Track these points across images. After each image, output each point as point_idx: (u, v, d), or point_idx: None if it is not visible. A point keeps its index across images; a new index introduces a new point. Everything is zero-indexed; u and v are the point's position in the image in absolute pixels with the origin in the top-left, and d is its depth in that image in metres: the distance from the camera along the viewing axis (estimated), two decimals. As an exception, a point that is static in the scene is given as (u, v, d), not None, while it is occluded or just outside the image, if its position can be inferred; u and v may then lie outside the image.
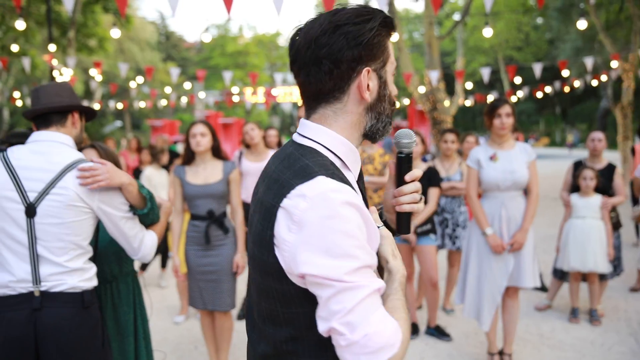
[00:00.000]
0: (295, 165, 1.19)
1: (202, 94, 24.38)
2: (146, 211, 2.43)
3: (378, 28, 1.22)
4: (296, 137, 1.30)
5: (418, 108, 22.26)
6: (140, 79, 25.17)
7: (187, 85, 26.57)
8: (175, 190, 3.96)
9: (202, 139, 3.82)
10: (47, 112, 2.32)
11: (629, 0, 16.67)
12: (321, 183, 1.12)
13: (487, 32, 13.33)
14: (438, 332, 4.86)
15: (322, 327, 1.12)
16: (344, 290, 1.08)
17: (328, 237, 1.09)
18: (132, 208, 2.39)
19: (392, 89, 1.31)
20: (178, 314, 5.54)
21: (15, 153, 2.24)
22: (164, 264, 6.88)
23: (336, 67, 1.20)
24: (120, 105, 24.14)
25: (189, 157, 3.92)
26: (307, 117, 1.30)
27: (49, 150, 2.25)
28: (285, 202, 1.13)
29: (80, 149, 2.69)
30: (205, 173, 3.88)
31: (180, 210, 4.01)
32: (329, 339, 1.17)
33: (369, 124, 1.28)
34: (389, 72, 1.29)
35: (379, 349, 1.08)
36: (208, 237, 3.84)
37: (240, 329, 5.07)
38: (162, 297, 6.23)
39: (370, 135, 1.31)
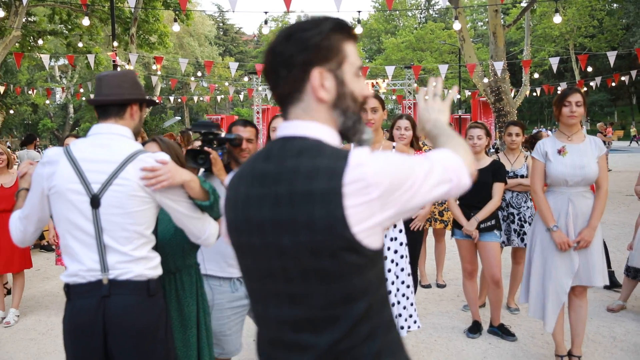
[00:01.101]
0: (324, 153, 1.29)
1: (259, 88, 24.37)
2: (209, 203, 2.44)
3: (328, 32, 1.33)
4: (287, 136, 1.36)
5: (482, 99, 21.46)
6: (199, 74, 25.42)
7: (245, 79, 26.66)
8: None
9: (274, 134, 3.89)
10: (106, 104, 2.37)
11: None
12: (359, 151, 1.27)
13: (557, 18, 12.56)
14: (502, 331, 4.58)
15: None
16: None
17: (391, 161, 1.27)
18: (195, 200, 2.42)
19: (356, 88, 1.38)
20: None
21: (77, 146, 2.30)
22: None
23: (289, 71, 1.32)
24: (179, 100, 24.47)
25: None
26: (284, 118, 1.39)
27: (109, 143, 2.30)
28: (348, 177, 1.23)
29: (142, 144, 2.70)
30: None
31: None
32: (385, 294, 1.39)
33: (339, 120, 1.37)
34: (348, 72, 1.36)
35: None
36: None
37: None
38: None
39: (344, 133, 1.39)
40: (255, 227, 1.36)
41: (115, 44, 14.72)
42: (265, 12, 13.55)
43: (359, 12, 14.75)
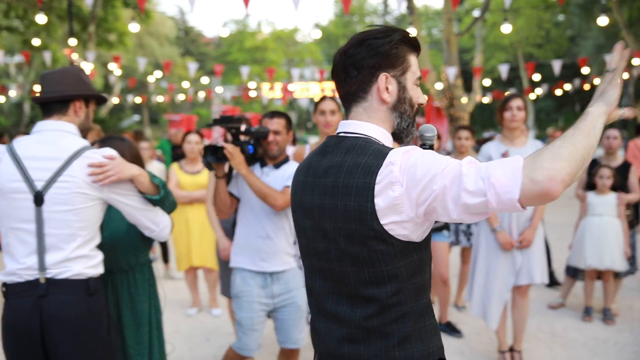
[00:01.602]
0: (367, 151, 1.45)
1: (219, 89, 24.50)
2: (159, 197, 2.46)
3: (397, 42, 1.50)
4: (342, 134, 1.56)
5: (435, 105, 22.13)
6: (158, 74, 25.36)
7: (205, 80, 26.72)
8: (210, 181, 4.18)
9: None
10: (49, 101, 2.34)
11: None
12: (397, 150, 1.42)
13: (506, 28, 13.23)
14: (449, 328, 4.85)
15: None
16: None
17: (422, 160, 1.37)
18: (144, 194, 2.43)
19: (414, 95, 1.56)
20: (190, 307, 5.59)
21: (21, 144, 2.28)
22: (166, 259, 6.93)
23: (359, 72, 1.51)
24: (138, 100, 24.36)
25: None
26: (346, 117, 1.58)
27: (54, 140, 2.27)
28: (381, 175, 1.39)
29: (100, 142, 2.74)
30: None
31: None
32: (423, 284, 1.52)
33: (395, 122, 1.55)
34: (409, 80, 1.55)
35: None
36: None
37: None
38: (175, 290, 6.29)
39: (397, 134, 1.57)
40: (308, 211, 1.57)
41: (74, 41, 14.69)
42: (224, 14, 13.79)
43: (316, 17, 15.08)
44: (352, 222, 1.44)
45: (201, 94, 26.29)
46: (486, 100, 23.45)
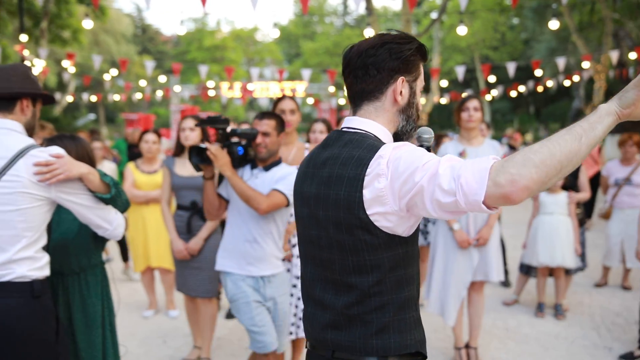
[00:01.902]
0: (362, 145, 1.52)
1: (177, 88, 24.17)
2: (110, 196, 2.41)
3: (414, 50, 1.58)
4: (344, 129, 1.63)
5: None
6: (114, 72, 24.85)
7: (162, 78, 26.30)
8: (164, 180, 4.16)
9: (190, 133, 4.08)
10: None
11: (600, 2, 16.94)
12: (388, 144, 1.49)
13: (462, 30, 13.47)
14: None
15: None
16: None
17: (407, 154, 1.42)
18: (95, 193, 2.38)
19: (419, 101, 1.66)
20: (147, 309, 5.50)
21: None
22: (125, 258, 6.81)
23: (379, 72, 1.56)
24: (94, 98, 23.82)
25: (179, 149, 4.15)
26: (353, 113, 1.64)
27: None
28: (370, 167, 1.46)
29: (50, 140, 2.67)
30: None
31: (169, 199, 4.20)
32: (407, 278, 1.57)
33: (401, 124, 1.62)
34: (418, 87, 1.64)
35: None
36: (190, 227, 4.07)
37: (231, 325, 5.08)
38: (132, 292, 6.18)
39: (399, 136, 1.65)
40: (305, 200, 1.64)
41: (25, 37, 14.28)
42: (182, 12, 13.64)
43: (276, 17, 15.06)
44: (341, 211, 1.51)
45: (159, 93, 25.89)
46: (444, 101, 23.84)
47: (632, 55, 17.07)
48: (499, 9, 27.25)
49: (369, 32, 14.45)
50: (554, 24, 13.46)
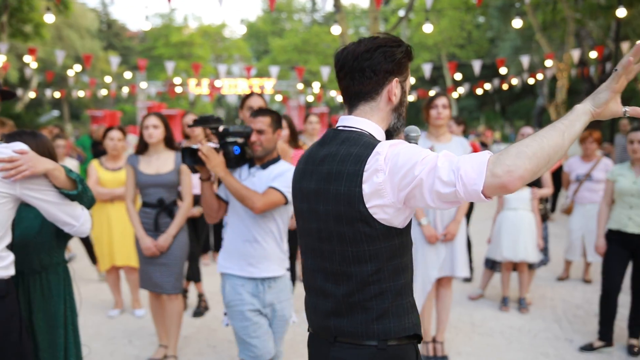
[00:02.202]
0: (359, 143, 1.63)
1: (143, 84, 23.83)
2: (76, 192, 2.38)
3: (404, 52, 1.70)
4: (340, 127, 1.73)
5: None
6: (78, 67, 24.36)
7: (128, 74, 25.89)
8: (128, 179, 4.10)
9: (154, 131, 4.01)
10: None
11: (562, 2, 17.29)
12: (384, 142, 1.61)
13: (427, 28, 13.60)
14: None
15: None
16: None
17: (405, 151, 1.54)
18: (61, 190, 2.35)
19: (407, 101, 1.79)
20: (112, 309, 5.42)
21: None
22: (94, 260, 6.67)
23: (375, 75, 1.67)
24: (57, 94, 23.33)
25: (142, 147, 4.08)
26: (349, 112, 1.74)
27: None
28: (369, 163, 1.56)
29: (10, 136, 2.61)
30: (158, 163, 4.06)
31: (133, 197, 4.15)
32: (402, 266, 1.68)
33: (393, 121, 1.74)
34: (407, 86, 1.76)
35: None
36: (157, 224, 4.03)
37: (198, 324, 5.03)
38: (97, 291, 6.09)
39: (391, 132, 1.76)
40: (305, 196, 1.75)
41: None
42: (148, 7, 13.46)
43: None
44: (341, 205, 1.62)
45: (125, 90, 25.49)
46: (411, 98, 24.06)
47: (593, 54, 17.48)
48: (465, 8, 27.59)
49: (336, 30, 14.49)
50: (517, 23, 13.71)
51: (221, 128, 3.04)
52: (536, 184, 5.50)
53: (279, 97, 27.40)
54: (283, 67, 28.32)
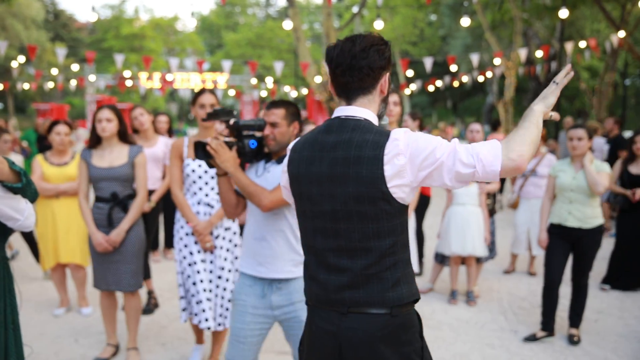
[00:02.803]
0: (372, 130, 1.83)
1: (92, 77, 23.20)
2: (20, 185, 2.32)
3: (389, 49, 1.92)
4: (343, 117, 1.91)
5: (316, 98, 22.53)
6: (22, 59, 23.51)
7: (76, 67, 25.18)
8: (81, 173, 4.00)
9: (108, 125, 3.92)
10: None
11: (510, 2, 17.73)
12: (397, 130, 1.82)
13: (378, 24, 13.68)
14: None
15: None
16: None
17: (422, 137, 1.80)
18: (4, 182, 2.28)
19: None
20: (58, 307, 5.28)
21: None
22: (37, 256, 6.46)
23: (372, 71, 1.87)
24: (0, 86, 22.47)
25: (95, 140, 3.99)
26: (348, 104, 1.92)
27: None
28: (388, 148, 1.77)
29: None
30: (111, 156, 3.97)
31: (87, 192, 4.04)
32: (407, 240, 1.92)
33: (380, 109, 1.97)
34: (388, 79, 1.97)
35: None
36: (111, 219, 3.94)
37: (147, 321, 4.93)
38: (42, 290, 5.91)
39: (379, 117, 1.98)
40: (315, 180, 1.89)
41: None
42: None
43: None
44: (364, 186, 1.80)
45: (73, 82, 24.77)
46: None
47: (539, 54, 18.00)
48: (417, 5, 27.96)
49: (287, 25, 14.46)
50: (465, 22, 14.02)
51: (232, 121, 2.88)
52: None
53: (232, 92, 27.14)
54: (236, 61, 28.03)
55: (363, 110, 1.91)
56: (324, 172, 1.87)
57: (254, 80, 24.71)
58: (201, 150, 2.77)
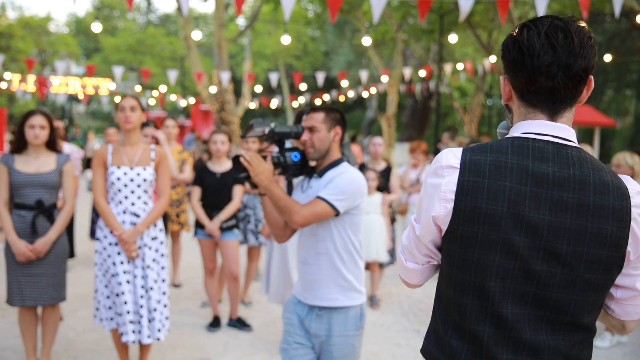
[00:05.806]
0: (603, 168, 1.36)
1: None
2: None
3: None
4: (557, 140, 1.37)
5: (202, 108, 22.31)
6: None
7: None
8: (1, 179, 3.74)
9: (41, 132, 3.76)
10: None
11: (390, 23, 18.82)
12: (628, 178, 1.39)
13: (285, 39, 13.67)
14: (240, 324, 5.04)
15: None
16: None
17: None
18: None
19: None
20: (-52, 325, 4.88)
21: None
22: None
23: (585, 75, 1.36)
24: None
25: (21, 145, 3.79)
26: (552, 119, 1.39)
27: None
28: (634, 202, 1.33)
29: None
30: (37, 162, 3.79)
31: (7, 199, 3.78)
32: None
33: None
34: None
35: None
36: (35, 228, 3.72)
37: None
38: None
39: None
40: (527, 227, 1.32)
41: None
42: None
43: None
44: (605, 248, 1.32)
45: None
46: (253, 105, 24.37)
47: (422, 73, 19.23)
48: (305, 22, 28.67)
49: (196, 35, 14.29)
50: (366, 41, 14.72)
51: (267, 129, 2.60)
52: (386, 189, 6.01)
53: (118, 99, 26.05)
54: (119, 67, 27.05)
55: (571, 132, 1.39)
56: (544, 218, 1.31)
57: (138, 88, 23.93)
58: (236, 166, 2.55)
